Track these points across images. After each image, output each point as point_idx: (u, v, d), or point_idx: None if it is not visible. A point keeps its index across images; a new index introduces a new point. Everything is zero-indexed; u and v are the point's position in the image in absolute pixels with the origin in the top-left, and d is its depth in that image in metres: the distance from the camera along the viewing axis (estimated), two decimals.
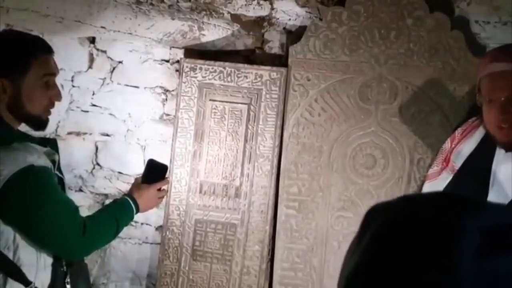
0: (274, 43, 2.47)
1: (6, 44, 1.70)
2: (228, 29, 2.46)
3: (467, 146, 1.79)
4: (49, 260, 1.67)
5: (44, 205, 1.59)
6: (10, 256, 1.58)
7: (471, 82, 2.20)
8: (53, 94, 1.73)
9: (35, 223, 1.59)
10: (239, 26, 2.46)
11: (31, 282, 1.60)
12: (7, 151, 1.56)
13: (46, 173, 1.61)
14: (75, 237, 1.64)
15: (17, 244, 1.59)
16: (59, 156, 1.74)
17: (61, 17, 2.46)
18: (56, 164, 1.71)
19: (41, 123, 1.74)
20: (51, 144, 1.75)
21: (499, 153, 1.68)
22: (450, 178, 1.85)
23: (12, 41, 1.72)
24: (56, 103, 1.79)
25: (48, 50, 1.73)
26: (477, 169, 1.73)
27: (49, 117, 1.79)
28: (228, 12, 2.45)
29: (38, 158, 1.59)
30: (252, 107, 2.37)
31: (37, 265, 1.62)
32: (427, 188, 1.92)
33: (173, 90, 2.58)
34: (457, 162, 1.81)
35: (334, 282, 2.33)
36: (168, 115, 2.61)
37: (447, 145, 1.89)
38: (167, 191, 2.31)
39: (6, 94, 1.64)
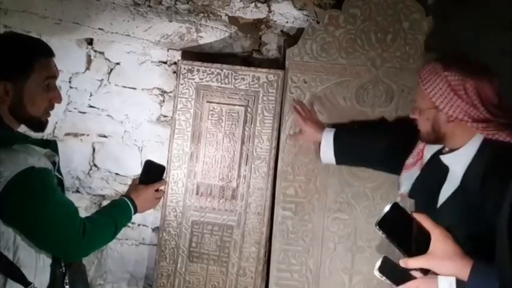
0: (271, 45, 2.48)
1: (9, 47, 1.69)
2: (226, 31, 2.47)
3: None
4: (48, 261, 1.67)
5: (44, 206, 1.59)
6: (10, 256, 1.58)
7: None
8: (53, 96, 1.73)
9: (36, 224, 1.59)
10: (236, 28, 2.47)
11: (30, 283, 1.60)
12: (8, 153, 1.56)
13: (46, 174, 1.61)
14: (75, 238, 1.64)
15: (17, 245, 1.59)
16: (59, 158, 1.75)
17: (59, 19, 2.46)
18: (56, 165, 1.71)
19: (40, 125, 1.75)
20: (51, 145, 1.75)
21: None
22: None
23: (14, 44, 1.71)
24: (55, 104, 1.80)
25: (49, 53, 1.73)
26: (437, 164, 1.78)
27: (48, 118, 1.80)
28: (226, 15, 2.46)
29: (38, 160, 1.59)
30: (249, 109, 2.38)
31: (36, 266, 1.63)
32: (404, 177, 1.99)
33: (170, 92, 2.59)
34: (426, 157, 1.88)
35: (330, 283, 2.34)
36: (165, 116, 2.62)
37: None
38: (164, 191, 2.31)
39: (8, 97, 1.65)
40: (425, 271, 1.27)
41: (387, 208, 1.26)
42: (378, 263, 1.38)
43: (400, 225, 1.27)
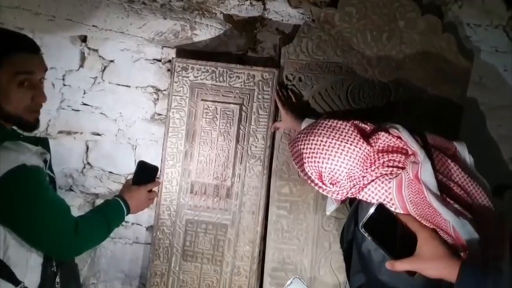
0: (266, 43, 2.47)
1: None
2: (221, 29, 2.46)
3: None
4: (39, 260, 1.66)
5: (36, 204, 1.58)
6: (0, 255, 1.57)
7: (462, 84, 2.22)
8: (34, 94, 1.66)
9: (27, 222, 1.57)
10: (231, 26, 2.46)
11: (20, 282, 1.59)
12: None
13: (38, 172, 1.60)
14: (67, 236, 1.63)
15: (7, 244, 1.57)
16: (50, 156, 1.73)
17: (53, 16, 2.45)
18: (47, 163, 1.69)
19: (27, 125, 1.69)
20: (43, 143, 1.73)
21: None
22: None
23: None
24: (47, 101, 1.76)
25: (28, 48, 1.67)
26: None
27: (39, 117, 1.74)
28: (221, 12, 2.45)
29: (30, 157, 1.57)
30: (244, 108, 2.37)
31: (27, 265, 1.61)
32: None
33: (164, 90, 2.58)
34: None
35: (325, 282, 2.33)
36: (159, 114, 2.60)
37: None
38: (158, 192, 2.30)
39: None
40: (412, 273, 1.25)
41: (372, 209, 1.23)
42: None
43: (386, 227, 1.23)
